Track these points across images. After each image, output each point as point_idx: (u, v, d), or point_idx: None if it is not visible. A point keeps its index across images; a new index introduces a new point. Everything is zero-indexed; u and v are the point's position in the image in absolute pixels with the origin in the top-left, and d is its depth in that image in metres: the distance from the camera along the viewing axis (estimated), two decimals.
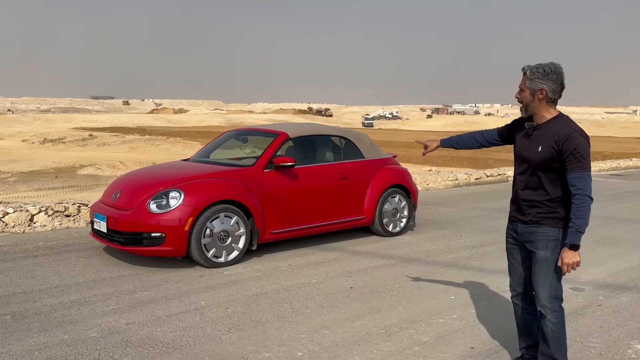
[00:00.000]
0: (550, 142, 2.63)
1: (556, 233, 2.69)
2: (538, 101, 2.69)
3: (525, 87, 2.71)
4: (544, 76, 2.65)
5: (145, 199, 4.89)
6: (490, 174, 13.71)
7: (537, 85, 2.67)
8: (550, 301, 2.71)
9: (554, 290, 2.72)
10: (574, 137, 2.58)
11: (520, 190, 2.81)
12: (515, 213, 2.87)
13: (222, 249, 5.01)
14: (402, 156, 42.29)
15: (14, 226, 6.77)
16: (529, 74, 2.69)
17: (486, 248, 6.05)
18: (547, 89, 2.65)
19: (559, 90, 2.68)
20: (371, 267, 5.12)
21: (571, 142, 2.57)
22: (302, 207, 5.58)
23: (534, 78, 2.67)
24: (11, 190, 28.82)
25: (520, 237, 2.84)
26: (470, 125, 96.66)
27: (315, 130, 6.15)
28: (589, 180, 2.56)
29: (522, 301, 2.96)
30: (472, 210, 8.61)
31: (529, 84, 2.69)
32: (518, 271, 2.94)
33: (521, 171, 2.81)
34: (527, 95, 2.71)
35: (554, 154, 2.62)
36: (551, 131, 2.66)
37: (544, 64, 2.67)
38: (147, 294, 4.22)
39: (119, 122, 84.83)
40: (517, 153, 2.84)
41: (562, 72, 2.67)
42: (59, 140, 59.10)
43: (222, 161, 5.78)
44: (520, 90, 2.74)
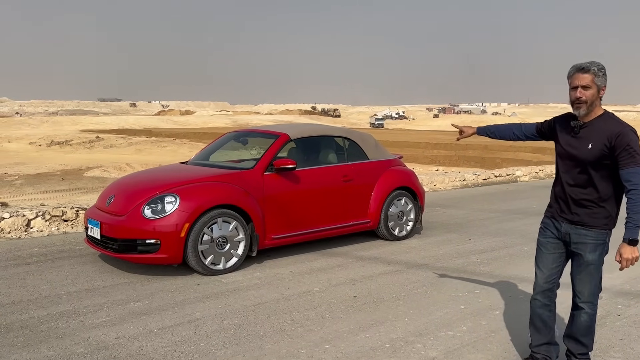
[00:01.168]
0: (602, 139, 2.63)
1: (604, 236, 2.75)
2: (599, 99, 2.70)
3: (593, 84, 2.67)
4: (605, 74, 2.68)
5: (139, 204, 4.69)
6: (498, 174, 13.42)
7: (603, 83, 2.68)
8: (592, 297, 2.81)
9: (597, 288, 2.82)
10: (626, 133, 2.59)
11: (568, 187, 2.81)
12: (561, 212, 2.87)
13: (221, 256, 4.80)
14: (409, 156, 42.06)
15: (9, 232, 6.60)
16: (596, 71, 2.66)
17: (496, 252, 5.81)
18: (605, 86, 2.70)
19: None
20: (376, 274, 4.90)
21: (624, 138, 2.58)
22: (304, 211, 5.37)
23: (602, 75, 2.67)
24: (18, 193, 28.83)
25: (563, 236, 2.85)
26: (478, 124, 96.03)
27: (318, 131, 5.92)
28: None
29: (546, 298, 2.95)
30: (480, 212, 8.36)
31: (598, 80, 2.67)
32: (550, 266, 2.93)
33: (568, 169, 2.81)
34: (594, 93, 2.68)
35: (606, 151, 2.62)
36: (601, 128, 2.66)
37: (599, 62, 2.68)
38: (140, 305, 4.01)
39: (126, 124, 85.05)
40: (563, 151, 2.83)
41: None
42: (65, 143, 59.29)
43: (220, 164, 5.57)
44: (587, 88, 2.67)
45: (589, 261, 2.77)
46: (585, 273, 2.79)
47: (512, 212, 8.32)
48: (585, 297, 2.82)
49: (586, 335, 2.88)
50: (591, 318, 2.85)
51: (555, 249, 2.91)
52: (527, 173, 13.78)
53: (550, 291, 2.95)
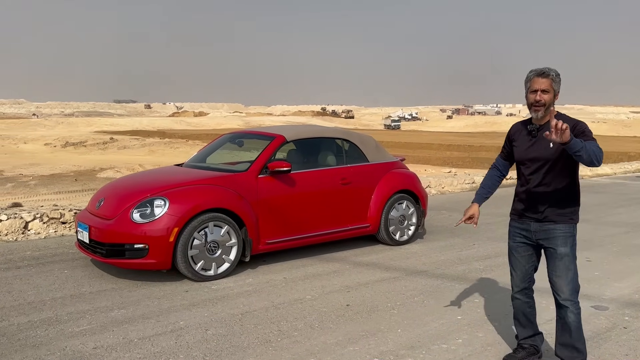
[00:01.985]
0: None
1: (572, 229, 2.88)
2: (554, 102, 2.85)
3: (551, 89, 2.81)
4: (560, 80, 2.84)
5: (128, 207, 4.56)
6: (509, 177, 13.14)
7: (558, 88, 2.84)
8: (572, 295, 2.86)
9: (575, 284, 2.88)
10: (579, 123, 2.78)
11: (532, 189, 2.91)
12: (528, 212, 2.96)
13: (212, 261, 4.66)
14: (421, 157, 41.70)
15: (6, 234, 6.53)
16: (554, 76, 2.81)
17: (500, 259, 5.59)
18: (559, 92, 2.86)
19: None
20: (372, 281, 4.72)
21: (579, 126, 2.76)
22: (300, 215, 5.21)
23: (558, 81, 2.83)
24: (32, 194, 29.05)
25: (533, 235, 2.96)
26: (492, 126, 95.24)
27: (315, 132, 5.75)
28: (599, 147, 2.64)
29: (525, 296, 3.12)
30: (487, 216, 8.13)
31: (555, 86, 2.82)
32: (524, 268, 3.07)
33: (532, 171, 2.91)
34: (551, 97, 2.82)
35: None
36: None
37: (555, 69, 2.83)
38: (123, 312, 3.88)
39: (140, 125, 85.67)
40: (523, 155, 2.94)
41: None
42: (80, 144, 59.88)
43: (215, 166, 5.43)
44: (545, 92, 2.80)
45: (562, 254, 2.86)
46: (562, 267, 2.87)
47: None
48: (567, 295, 2.87)
49: (579, 340, 2.90)
50: (578, 318, 2.88)
51: (525, 250, 3.04)
52: None
53: (527, 289, 3.11)
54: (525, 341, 3.17)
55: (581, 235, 4.01)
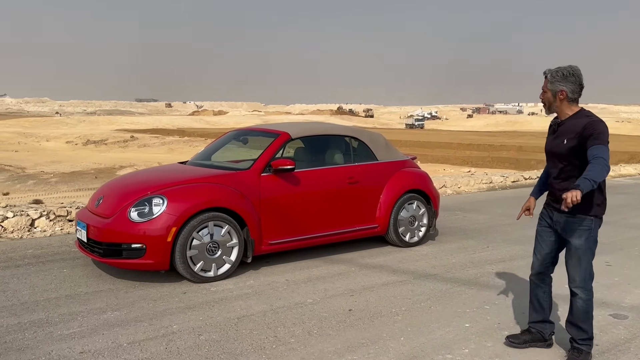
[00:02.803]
0: (574, 133, 2.91)
1: (589, 223, 2.96)
2: (559, 101, 2.99)
3: (547, 89, 3.01)
4: (563, 79, 2.95)
5: (126, 206, 4.43)
6: (528, 177, 12.80)
7: (557, 87, 2.97)
8: (585, 283, 3.01)
9: (588, 273, 3.01)
10: (591, 123, 2.87)
11: (554, 181, 3.09)
12: (553, 202, 3.13)
13: (212, 262, 4.50)
14: (440, 156, 41.17)
15: (12, 231, 6.48)
16: (549, 77, 2.99)
17: (515, 262, 5.35)
18: (567, 90, 2.95)
19: (578, 90, 2.97)
20: (378, 285, 4.52)
21: (590, 127, 2.85)
22: (304, 215, 5.02)
23: (554, 81, 2.97)
24: (52, 191, 29.39)
25: (555, 224, 3.11)
26: (513, 125, 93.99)
27: (322, 129, 5.56)
28: (607, 151, 2.76)
29: (541, 281, 3.28)
30: (504, 217, 7.86)
31: (550, 86, 2.99)
32: (544, 252, 3.22)
33: (553, 164, 3.09)
34: (549, 97, 3.02)
35: (578, 142, 2.89)
36: (573, 124, 2.94)
37: (562, 68, 2.96)
38: (117, 315, 3.75)
39: (160, 124, 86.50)
40: (547, 149, 3.14)
41: (580, 74, 2.96)
42: (101, 142, 60.62)
43: (218, 164, 5.28)
44: (543, 92, 3.04)
45: (576, 246, 2.99)
46: (574, 258, 3.01)
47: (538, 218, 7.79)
48: (577, 283, 3.03)
49: (584, 321, 3.05)
50: (587, 303, 3.03)
51: (549, 236, 3.18)
52: None
53: (544, 274, 3.27)
54: (534, 325, 3.32)
55: (602, 239, 3.77)
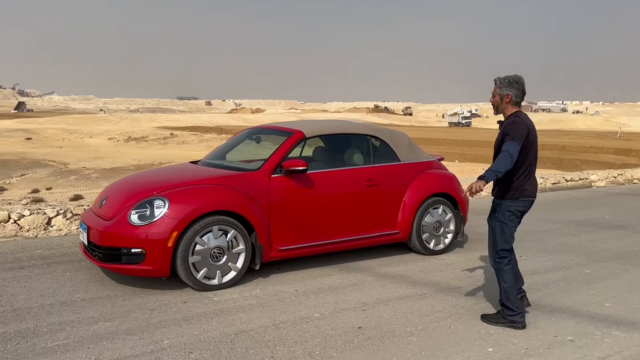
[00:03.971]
0: (501, 132, 3.53)
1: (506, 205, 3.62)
2: (505, 104, 3.57)
3: (496, 94, 3.58)
4: (509, 85, 3.53)
5: (127, 208, 4.19)
6: (570, 178, 12.07)
7: (504, 92, 3.54)
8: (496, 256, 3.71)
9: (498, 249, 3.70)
10: (510, 123, 3.46)
11: None
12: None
13: (216, 269, 4.22)
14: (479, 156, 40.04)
15: (28, 230, 6.38)
16: (498, 83, 3.56)
17: (550, 275, 4.86)
18: (512, 94, 3.53)
19: (521, 95, 3.57)
20: (394, 298, 4.13)
21: (508, 127, 3.46)
22: (318, 219, 4.68)
23: (502, 87, 3.54)
24: (92, 186, 29.99)
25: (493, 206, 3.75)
26: (556, 124, 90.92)
27: (339, 128, 5.19)
28: (514, 146, 3.34)
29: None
30: (541, 222, 7.31)
31: (499, 91, 3.56)
32: None
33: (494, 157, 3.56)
34: (497, 100, 3.59)
35: (502, 139, 3.49)
36: (504, 124, 3.54)
37: (509, 76, 3.53)
38: (108, 325, 3.50)
39: (199, 121, 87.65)
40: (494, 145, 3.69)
41: (523, 82, 3.55)
42: (141, 139, 61.83)
43: (228, 164, 4.99)
44: (493, 96, 3.62)
45: (491, 225, 3.77)
46: (490, 235, 3.77)
47: (579, 224, 7.21)
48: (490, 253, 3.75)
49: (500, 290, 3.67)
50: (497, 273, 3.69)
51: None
52: (603, 177, 12.28)
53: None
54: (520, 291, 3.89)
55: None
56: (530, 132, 3.47)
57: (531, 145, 3.50)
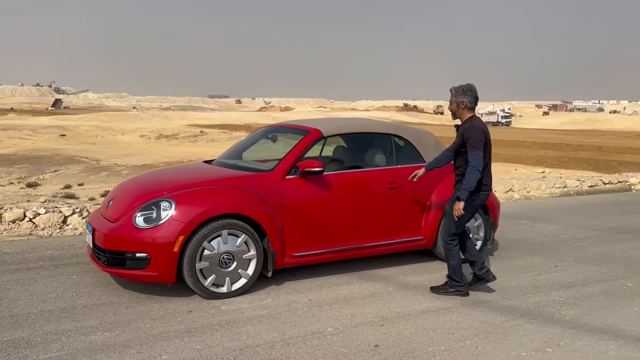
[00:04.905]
0: (460, 135, 4.00)
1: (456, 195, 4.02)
2: (461, 109, 4.06)
3: (453, 101, 4.07)
4: (464, 93, 4.02)
5: (133, 209, 3.97)
6: (608, 181, 11.44)
7: (459, 99, 4.03)
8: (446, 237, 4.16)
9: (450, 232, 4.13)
10: (467, 129, 3.94)
11: (454, 170, 4.20)
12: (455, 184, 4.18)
13: (225, 276, 3.96)
14: (512, 156, 39.06)
15: (43, 228, 6.27)
16: (454, 92, 4.05)
17: (588, 288, 4.45)
18: (466, 101, 4.02)
19: (474, 101, 4.05)
20: (416, 312, 3.80)
21: (466, 133, 3.92)
22: (335, 224, 4.37)
23: (457, 95, 4.03)
24: None
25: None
26: (593, 124, 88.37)
27: (360, 126, 4.86)
28: (478, 157, 3.84)
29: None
30: (578, 228, 6.84)
31: (454, 99, 4.05)
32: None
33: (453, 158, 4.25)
34: (454, 107, 4.08)
35: (461, 142, 3.98)
36: (462, 129, 4.01)
37: (462, 85, 4.04)
38: (106, 336, 3.27)
39: (228, 119, 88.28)
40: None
41: (475, 89, 4.05)
42: (172, 136, 62.59)
43: (241, 164, 4.73)
44: (450, 103, 4.09)
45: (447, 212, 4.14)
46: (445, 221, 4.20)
47: (618, 231, 6.72)
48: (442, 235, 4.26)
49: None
50: (447, 252, 4.15)
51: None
52: None
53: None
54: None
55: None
56: (486, 135, 3.97)
57: (489, 146, 4.00)
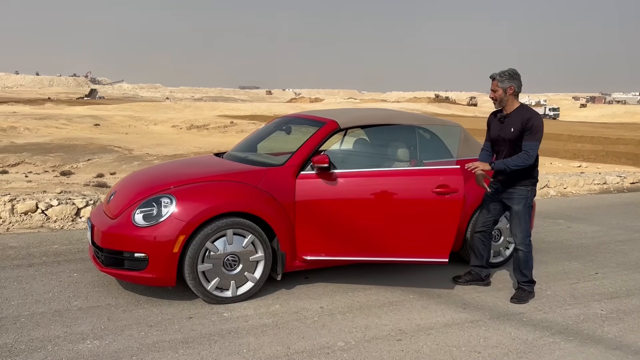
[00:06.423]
0: (519, 124, 3.74)
1: (525, 192, 3.82)
2: (509, 95, 3.81)
3: (498, 88, 3.80)
4: (511, 78, 3.78)
5: (133, 206, 3.69)
6: None
7: (506, 85, 3.78)
8: (524, 239, 3.88)
9: (527, 233, 3.88)
10: (532, 118, 3.72)
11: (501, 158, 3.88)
12: (497, 175, 3.94)
13: (230, 279, 3.65)
14: (547, 149, 37.91)
15: (55, 221, 6.10)
16: (499, 78, 3.79)
17: (634, 300, 3.98)
18: (514, 85, 3.79)
19: (520, 86, 3.83)
20: (439, 325, 3.41)
21: (531, 121, 3.71)
22: (352, 225, 3.94)
23: (504, 80, 3.78)
24: None
25: (499, 194, 3.94)
26: (633, 116, 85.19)
27: (381, 117, 4.43)
28: (535, 146, 3.69)
29: (483, 237, 4.11)
30: (620, 230, 6.31)
31: (500, 85, 3.79)
32: (488, 216, 4.05)
33: (499, 148, 3.92)
34: (500, 94, 3.81)
35: (522, 130, 3.74)
36: (518, 117, 3.77)
37: (508, 70, 3.80)
38: (95, 345, 3.00)
39: (258, 110, 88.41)
40: (495, 135, 3.93)
41: (519, 74, 3.82)
42: (203, 127, 63.02)
43: (251, 158, 4.39)
44: (493, 91, 3.83)
45: (516, 211, 3.83)
46: (515, 220, 3.85)
47: None
48: (519, 240, 3.86)
49: (525, 268, 3.89)
50: (526, 255, 3.86)
51: (493, 204, 4.00)
52: None
53: (486, 232, 4.07)
54: (474, 269, 4.17)
55: None
56: None
57: None
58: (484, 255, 4.11)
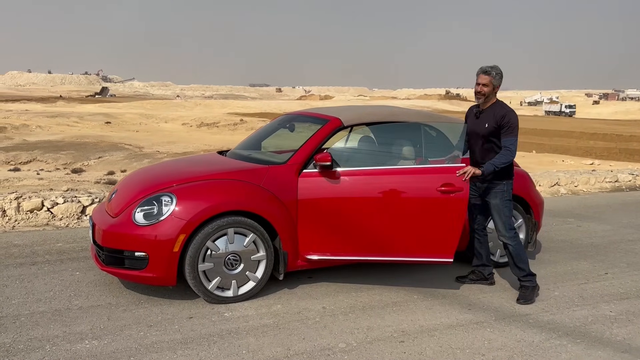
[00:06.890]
0: (494, 120, 3.77)
1: (502, 186, 3.83)
2: (494, 93, 3.84)
3: (490, 84, 3.78)
4: (501, 76, 3.81)
5: (133, 204, 3.66)
6: None
7: (498, 82, 3.81)
8: (507, 232, 3.84)
9: (507, 224, 3.85)
10: (508, 114, 3.75)
11: (477, 156, 3.90)
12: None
13: (231, 279, 3.61)
14: (559, 146, 37.51)
15: (61, 218, 6.10)
16: (494, 74, 3.78)
17: None
18: (500, 84, 3.84)
19: None
20: (443, 326, 3.35)
21: (506, 117, 3.74)
22: (357, 228, 3.85)
23: (498, 78, 3.80)
24: None
25: (478, 190, 3.94)
26: None
27: (385, 114, 4.35)
28: (514, 141, 3.74)
29: (479, 235, 4.12)
30: (631, 229, 6.19)
31: (494, 81, 3.79)
32: (477, 214, 4.06)
33: (474, 142, 3.91)
34: (490, 89, 3.79)
35: (496, 127, 3.76)
36: (493, 113, 3.79)
37: (497, 67, 3.81)
38: (94, 345, 2.97)
39: (268, 108, 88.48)
40: (470, 130, 3.93)
41: None
42: (213, 125, 63.19)
43: (254, 156, 4.34)
44: (485, 85, 3.78)
45: (494, 205, 3.85)
46: (495, 214, 3.86)
47: None
48: (502, 232, 3.85)
49: (520, 262, 3.85)
50: (516, 248, 3.82)
51: (477, 201, 3.98)
52: None
53: (479, 230, 4.09)
54: (477, 268, 4.15)
55: None
56: None
57: None
58: (482, 253, 4.09)
